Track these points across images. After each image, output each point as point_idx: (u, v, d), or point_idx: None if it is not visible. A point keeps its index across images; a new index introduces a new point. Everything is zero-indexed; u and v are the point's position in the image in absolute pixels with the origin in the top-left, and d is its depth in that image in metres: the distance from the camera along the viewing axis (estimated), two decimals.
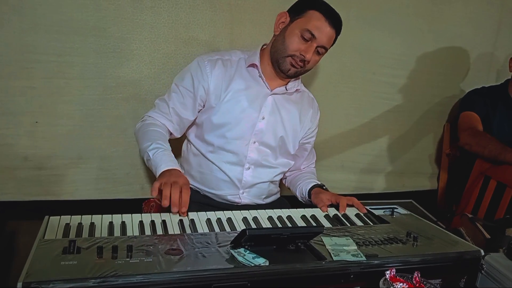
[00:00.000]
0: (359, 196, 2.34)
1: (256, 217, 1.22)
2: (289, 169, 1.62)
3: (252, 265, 0.89)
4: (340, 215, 1.29)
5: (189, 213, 1.19)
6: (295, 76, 1.47)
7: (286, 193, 1.76)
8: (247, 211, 1.25)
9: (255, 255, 0.92)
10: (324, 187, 1.50)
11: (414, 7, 2.17)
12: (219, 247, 0.97)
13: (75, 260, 0.86)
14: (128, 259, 0.88)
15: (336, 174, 2.34)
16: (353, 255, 0.97)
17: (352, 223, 1.25)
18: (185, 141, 1.59)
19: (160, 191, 1.16)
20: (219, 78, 1.44)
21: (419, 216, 1.32)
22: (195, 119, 1.52)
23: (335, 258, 0.96)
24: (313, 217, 1.26)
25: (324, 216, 1.28)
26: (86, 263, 0.85)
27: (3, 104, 1.74)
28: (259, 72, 1.45)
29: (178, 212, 1.15)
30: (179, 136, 1.53)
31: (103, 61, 1.81)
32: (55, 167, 1.87)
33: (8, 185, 1.84)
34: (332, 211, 1.32)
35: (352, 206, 1.37)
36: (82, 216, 1.10)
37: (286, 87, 1.49)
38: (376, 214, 1.32)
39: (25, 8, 1.66)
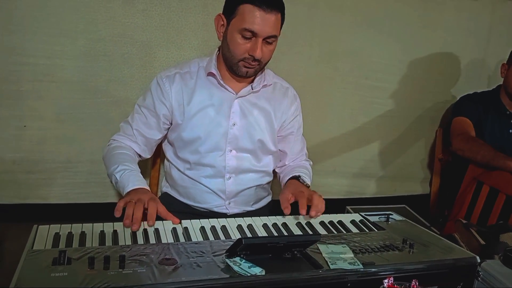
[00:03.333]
0: (351, 201, 2.38)
1: (250, 224, 1.20)
2: (278, 166, 1.57)
3: (248, 274, 0.87)
4: (335, 222, 1.28)
5: (182, 221, 1.16)
6: (256, 73, 1.38)
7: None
8: (242, 218, 1.23)
9: (251, 264, 0.90)
10: (300, 179, 1.37)
11: (406, 13, 2.18)
12: (214, 256, 0.94)
13: (66, 271, 0.82)
14: (121, 270, 0.85)
15: (328, 179, 2.34)
16: (350, 263, 0.96)
17: (347, 230, 1.23)
18: (165, 158, 1.55)
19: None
20: (179, 94, 1.38)
21: (413, 223, 1.31)
22: (166, 138, 1.48)
23: (332, 267, 0.94)
24: (308, 224, 1.25)
25: (319, 223, 1.26)
26: (77, 275, 0.82)
27: None
28: (217, 80, 1.38)
29: (137, 229, 1.08)
30: (149, 156, 1.49)
31: (93, 64, 1.79)
32: (44, 171, 1.85)
33: None
34: (327, 218, 1.31)
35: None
36: (72, 224, 1.07)
37: (252, 86, 1.41)
38: (372, 220, 1.30)
39: (13, 10, 1.64)
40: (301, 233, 1.17)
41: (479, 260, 1.06)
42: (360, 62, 2.19)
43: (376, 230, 1.23)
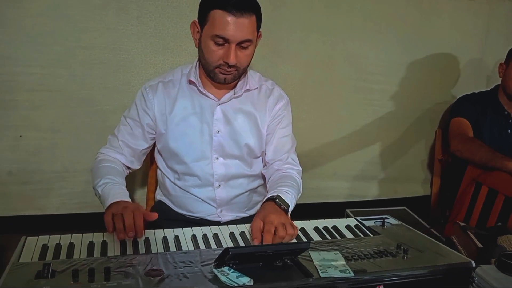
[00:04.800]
0: (352, 204, 2.37)
1: (243, 231, 1.18)
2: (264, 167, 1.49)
3: (236, 285, 0.86)
4: (329, 227, 1.26)
5: (174, 229, 1.15)
6: (236, 79, 1.33)
7: None
8: (235, 225, 1.22)
9: (240, 274, 0.89)
10: (276, 201, 1.23)
11: (403, 14, 2.18)
12: (202, 266, 0.93)
13: (49, 285, 0.81)
14: (105, 282, 0.83)
15: (329, 182, 2.33)
16: (341, 271, 0.94)
17: (342, 235, 1.21)
18: (157, 167, 1.53)
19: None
20: (161, 103, 1.37)
21: (409, 226, 1.29)
22: (155, 147, 1.47)
23: (322, 275, 0.92)
24: (302, 230, 1.23)
25: (314, 229, 1.24)
26: None
27: None
28: (197, 88, 1.36)
29: (133, 236, 1.07)
30: (138, 167, 1.46)
31: (89, 72, 1.79)
32: (41, 181, 1.85)
33: None
34: (321, 223, 1.29)
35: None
36: (61, 235, 1.06)
37: (234, 91, 1.37)
38: (367, 225, 1.28)
39: (7, 19, 1.64)
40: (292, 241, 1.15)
41: (474, 265, 1.03)
42: (357, 65, 2.18)
43: (371, 235, 1.21)
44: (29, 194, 1.83)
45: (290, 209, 1.28)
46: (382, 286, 0.84)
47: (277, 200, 1.23)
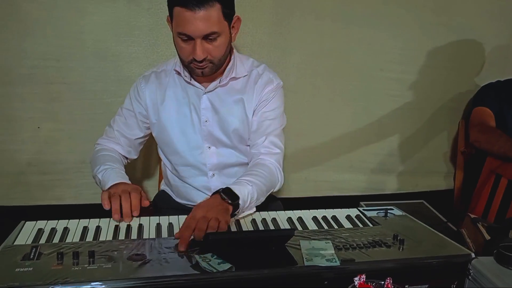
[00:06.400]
0: (370, 197, 2.30)
1: (238, 220, 1.18)
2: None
3: (215, 271, 0.85)
4: (328, 217, 1.23)
5: (170, 217, 1.17)
6: (215, 71, 1.29)
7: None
8: None
9: (221, 261, 0.88)
10: (221, 194, 1.12)
11: None
12: (187, 251, 0.93)
13: (32, 266, 0.84)
14: (87, 265, 0.85)
15: (345, 175, 2.27)
16: (327, 260, 0.92)
17: (340, 225, 1.18)
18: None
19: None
20: (153, 93, 1.38)
21: (414, 218, 1.24)
22: (151, 137, 1.48)
23: (306, 263, 0.91)
24: (300, 219, 1.21)
25: (312, 218, 1.22)
26: (41, 270, 0.83)
27: (4, 111, 1.78)
28: (183, 78, 1.35)
29: (130, 220, 1.11)
30: (135, 157, 1.49)
31: (102, 64, 1.83)
32: (59, 172, 1.91)
33: (13, 190, 1.89)
34: (322, 212, 1.26)
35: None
36: (59, 221, 1.10)
37: (220, 79, 1.35)
38: (369, 215, 1.25)
39: (21, 14, 1.70)
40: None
41: (473, 257, 0.98)
42: (373, 53, 2.10)
43: (371, 225, 1.18)
44: (47, 184, 1.90)
45: (248, 199, 1.17)
46: (364, 275, 0.81)
47: (222, 194, 1.12)
